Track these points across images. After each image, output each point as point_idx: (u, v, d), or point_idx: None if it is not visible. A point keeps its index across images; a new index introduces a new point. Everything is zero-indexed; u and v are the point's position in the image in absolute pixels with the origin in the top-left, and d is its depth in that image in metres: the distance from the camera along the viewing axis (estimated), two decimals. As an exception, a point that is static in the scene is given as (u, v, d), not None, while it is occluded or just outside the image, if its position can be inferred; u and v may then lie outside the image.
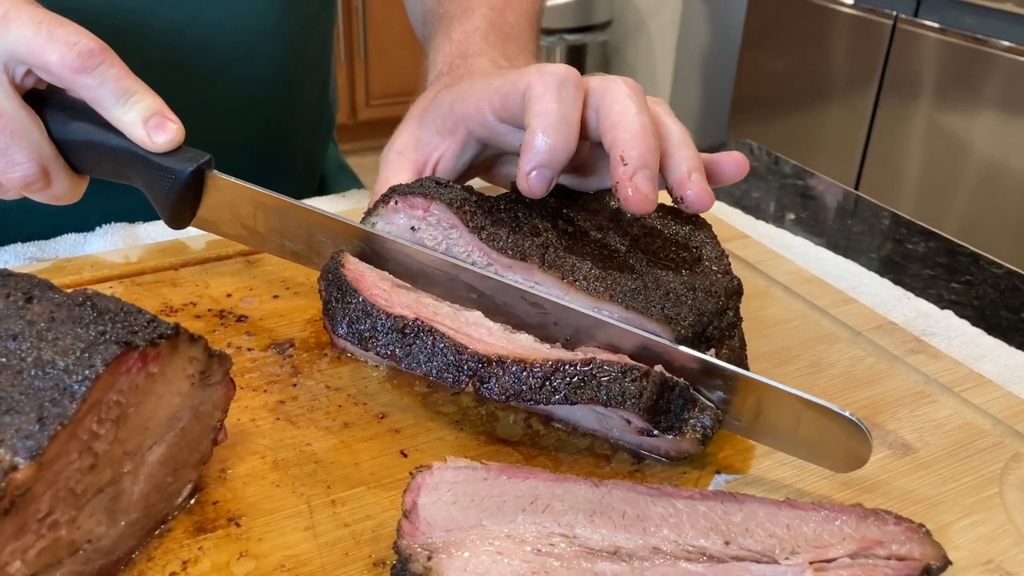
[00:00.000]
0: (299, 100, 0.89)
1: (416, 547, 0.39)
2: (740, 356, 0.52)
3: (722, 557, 0.40)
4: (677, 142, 0.52)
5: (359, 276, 0.52)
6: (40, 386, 0.36)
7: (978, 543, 0.45)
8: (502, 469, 0.44)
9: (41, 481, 0.35)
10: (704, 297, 0.50)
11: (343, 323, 0.50)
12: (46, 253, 0.70)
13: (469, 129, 0.58)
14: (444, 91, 0.60)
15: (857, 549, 0.40)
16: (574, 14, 3.33)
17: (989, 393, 0.56)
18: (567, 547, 0.40)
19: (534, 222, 0.53)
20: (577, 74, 0.52)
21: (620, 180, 0.48)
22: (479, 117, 0.57)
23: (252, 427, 0.50)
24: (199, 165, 0.55)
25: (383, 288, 0.52)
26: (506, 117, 0.55)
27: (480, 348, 0.47)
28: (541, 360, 0.46)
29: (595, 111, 0.52)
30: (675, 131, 0.52)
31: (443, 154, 0.60)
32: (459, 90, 0.59)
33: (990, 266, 0.79)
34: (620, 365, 0.45)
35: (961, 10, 2.08)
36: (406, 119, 0.63)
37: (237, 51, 0.79)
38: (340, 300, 0.51)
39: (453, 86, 0.60)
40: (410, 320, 0.48)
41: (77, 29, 0.54)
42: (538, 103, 0.51)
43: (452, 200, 0.53)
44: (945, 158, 2.16)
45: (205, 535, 0.43)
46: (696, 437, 0.47)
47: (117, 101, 0.54)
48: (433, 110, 0.60)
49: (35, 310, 0.39)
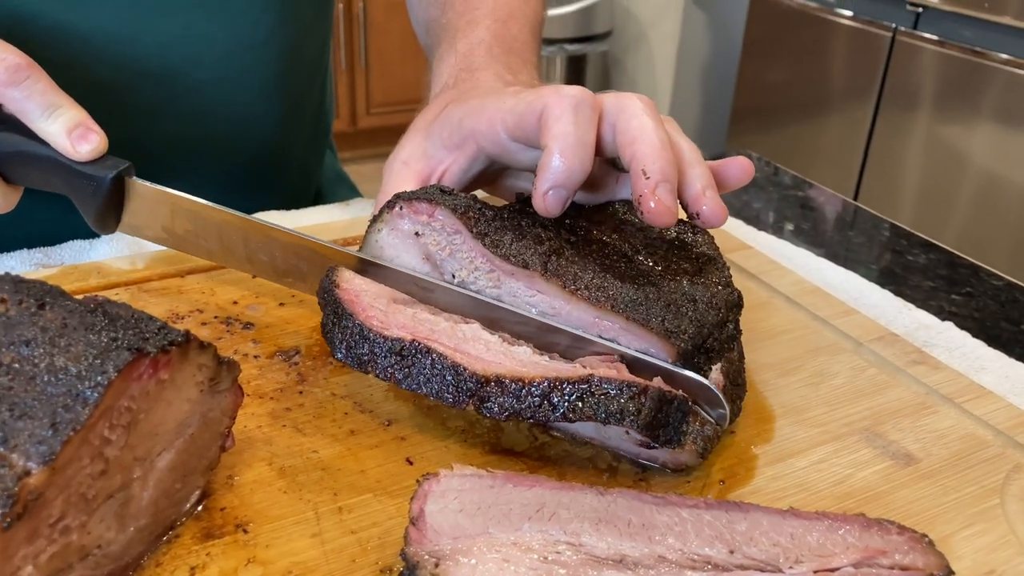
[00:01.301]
0: (294, 110, 0.89)
1: (423, 554, 0.40)
2: (738, 368, 0.53)
3: (726, 566, 0.41)
4: (690, 159, 0.53)
5: (354, 297, 0.52)
6: (53, 392, 0.36)
7: (980, 553, 0.45)
8: (508, 477, 0.44)
9: (53, 486, 0.35)
10: (705, 309, 0.50)
11: (341, 347, 0.49)
12: (52, 259, 0.70)
13: (479, 145, 0.59)
14: (453, 105, 0.61)
15: (861, 559, 0.41)
16: (574, 24, 3.34)
17: (990, 404, 0.56)
18: (573, 555, 0.41)
19: (537, 231, 0.53)
20: (592, 95, 0.53)
21: (643, 193, 0.49)
22: (491, 135, 0.57)
23: (259, 434, 0.51)
24: (119, 172, 0.58)
25: (379, 308, 0.51)
26: (520, 137, 0.56)
27: (478, 367, 0.47)
28: (539, 379, 0.46)
29: (611, 127, 0.53)
30: (686, 149, 0.53)
31: (449, 167, 0.61)
32: (469, 106, 0.60)
33: (990, 278, 0.79)
34: (618, 382, 0.46)
35: (960, 23, 2.10)
36: (411, 130, 0.64)
37: (230, 62, 0.79)
38: (337, 324, 0.50)
39: (462, 101, 0.61)
40: (407, 342, 0.48)
41: (4, 46, 0.57)
42: (555, 125, 0.52)
43: (456, 206, 0.53)
44: (944, 170, 2.17)
45: (213, 541, 0.44)
46: (696, 449, 0.47)
47: (43, 113, 0.57)
48: (441, 123, 0.61)
49: (48, 316, 0.40)
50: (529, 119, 0.54)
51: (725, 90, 2.94)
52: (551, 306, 0.52)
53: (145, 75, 0.75)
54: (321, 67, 0.95)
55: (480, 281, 0.53)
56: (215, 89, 0.79)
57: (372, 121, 3.53)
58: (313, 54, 0.90)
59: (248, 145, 0.85)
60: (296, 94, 0.88)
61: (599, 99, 0.54)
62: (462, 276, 0.53)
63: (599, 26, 3.41)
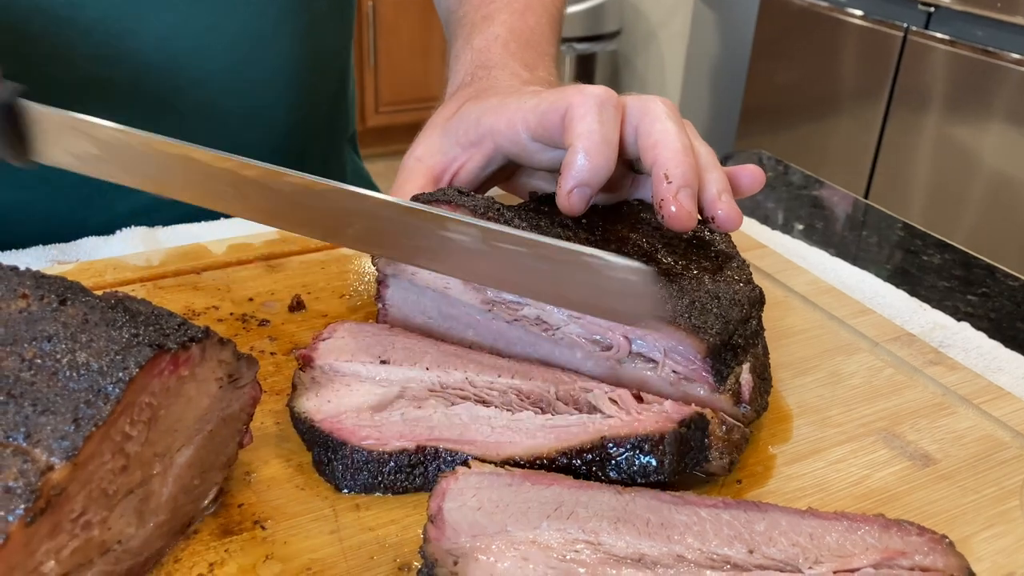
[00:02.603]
0: (309, 104, 0.88)
1: (443, 552, 0.40)
2: (764, 363, 0.53)
3: (746, 565, 0.41)
4: (706, 164, 0.53)
5: (335, 422, 0.48)
6: (75, 387, 0.36)
7: (999, 555, 0.45)
8: (526, 475, 0.44)
9: (76, 481, 0.35)
10: (729, 305, 0.50)
11: (345, 479, 0.47)
12: (67, 256, 0.71)
13: (497, 144, 0.59)
14: (470, 103, 0.61)
15: (880, 559, 0.41)
16: (584, 23, 3.34)
17: (1008, 405, 0.56)
18: (592, 554, 0.40)
19: (557, 231, 0.53)
20: (615, 95, 0.54)
21: (665, 198, 0.50)
22: (510, 133, 0.57)
23: (276, 430, 0.51)
24: (9, 97, 0.54)
25: (366, 424, 0.48)
26: (542, 136, 0.56)
27: (491, 454, 0.46)
28: (555, 454, 0.46)
29: (633, 130, 0.53)
30: (704, 153, 0.54)
31: (464, 164, 0.61)
32: (487, 104, 0.59)
33: (1006, 279, 0.79)
34: (631, 439, 0.45)
35: (971, 22, 2.09)
36: (428, 127, 0.64)
37: (236, 53, 0.78)
38: (334, 457, 0.47)
39: (480, 99, 0.61)
40: (412, 452, 0.47)
41: None
42: (580, 123, 0.52)
43: (476, 208, 0.53)
44: (954, 170, 2.16)
45: (231, 537, 0.44)
46: (723, 464, 0.47)
47: None
48: (458, 121, 0.61)
49: (69, 312, 0.40)
50: (552, 118, 0.54)
51: (735, 89, 2.94)
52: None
53: (147, 67, 0.74)
54: (339, 63, 0.94)
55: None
56: (222, 81, 0.79)
57: (381, 119, 3.54)
58: (329, 47, 0.89)
59: (259, 139, 0.85)
60: (310, 87, 0.87)
61: (622, 100, 0.54)
62: None
63: (609, 25, 3.40)
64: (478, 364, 0.52)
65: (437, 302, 0.56)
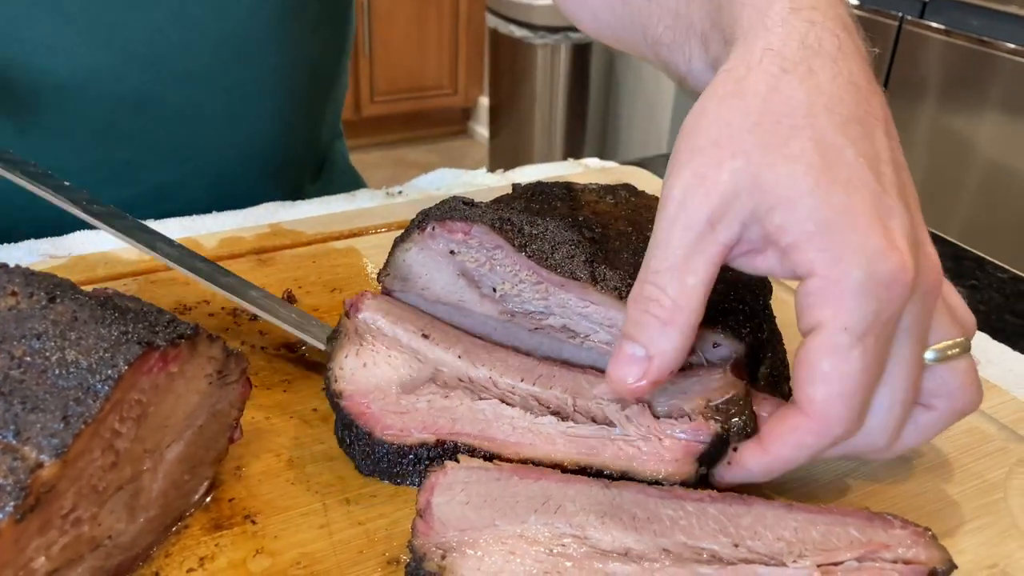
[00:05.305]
0: (297, 106, 0.87)
1: (430, 546, 0.40)
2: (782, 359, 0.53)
3: (731, 559, 0.41)
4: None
5: (361, 406, 0.49)
6: (64, 385, 0.37)
7: (983, 547, 0.46)
8: (514, 469, 0.45)
9: (65, 478, 0.36)
10: (751, 298, 0.50)
11: (366, 464, 0.48)
12: (59, 250, 0.71)
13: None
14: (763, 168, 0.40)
15: (864, 553, 0.41)
16: (579, 12, 3.32)
17: (995, 398, 0.56)
18: (578, 548, 0.41)
19: (565, 233, 0.52)
20: (905, 294, 0.39)
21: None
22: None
23: (267, 425, 0.51)
24: None
25: (391, 410, 0.49)
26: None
27: (510, 453, 0.47)
28: (573, 464, 0.46)
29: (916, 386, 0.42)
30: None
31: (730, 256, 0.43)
32: (776, 195, 0.39)
33: (995, 271, 0.79)
34: (656, 458, 0.46)
35: (967, 12, 2.08)
36: (685, 158, 0.41)
37: (223, 51, 0.78)
38: (355, 441, 0.48)
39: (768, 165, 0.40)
40: (432, 444, 0.47)
41: None
42: (822, 379, 0.40)
43: (492, 221, 0.52)
44: (949, 160, 2.16)
45: (222, 532, 0.44)
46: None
47: None
48: (748, 196, 0.40)
49: (58, 310, 0.40)
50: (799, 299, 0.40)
51: (730, 79, 2.93)
52: (606, 316, 0.50)
53: (134, 60, 0.74)
54: (329, 72, 0.91)
55: (525, 293, 0.52)
56: (207, 78, 0.78)
57: (376, 109, 3.53)
58: (320, 57, 0.88)
59: (245, 137, 0.84)
60: (297, 94, 0.86)
61: (924, 336, 0.41)
62: (505, 289, 0.52)
63: (604, 14, 3.39)
64: (503, 364, 0.52)
65: (450, 315, 0.55)
